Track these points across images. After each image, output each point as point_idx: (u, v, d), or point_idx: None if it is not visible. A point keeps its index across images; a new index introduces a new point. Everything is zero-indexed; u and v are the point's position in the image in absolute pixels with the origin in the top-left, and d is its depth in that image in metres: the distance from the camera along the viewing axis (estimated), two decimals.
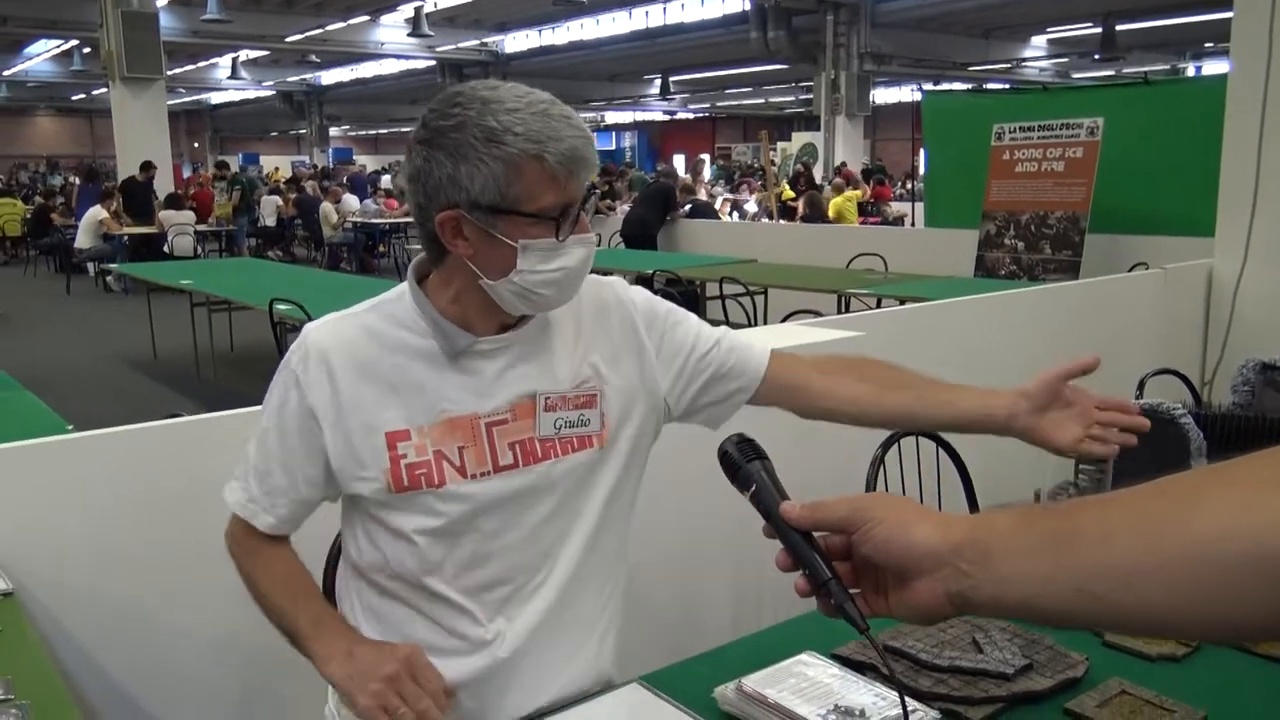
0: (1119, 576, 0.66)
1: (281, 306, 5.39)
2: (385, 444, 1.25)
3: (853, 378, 1.41)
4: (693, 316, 1.45)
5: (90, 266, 13.06)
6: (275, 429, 1.29)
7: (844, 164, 17.66)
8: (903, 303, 5.04)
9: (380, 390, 1.26)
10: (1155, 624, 0.69)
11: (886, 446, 2.38)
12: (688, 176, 13.87)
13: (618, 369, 1.36)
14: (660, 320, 1.41)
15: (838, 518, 0.81)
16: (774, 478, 0.91)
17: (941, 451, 2.45)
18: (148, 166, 13.28)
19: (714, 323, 1.49)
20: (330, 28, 20.81)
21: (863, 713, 1.19)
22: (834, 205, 12.60)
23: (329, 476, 1.29)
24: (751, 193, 15.69)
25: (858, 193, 13.88)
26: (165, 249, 12.24)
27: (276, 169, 26.31)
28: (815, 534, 0.84)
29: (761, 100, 31.17)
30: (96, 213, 12.66)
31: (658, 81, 27.81)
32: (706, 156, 27.05)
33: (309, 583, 1.37)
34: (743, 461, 0.92)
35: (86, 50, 22.07)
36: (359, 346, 1.27)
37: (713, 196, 14.93)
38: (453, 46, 23.09)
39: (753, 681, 1.26)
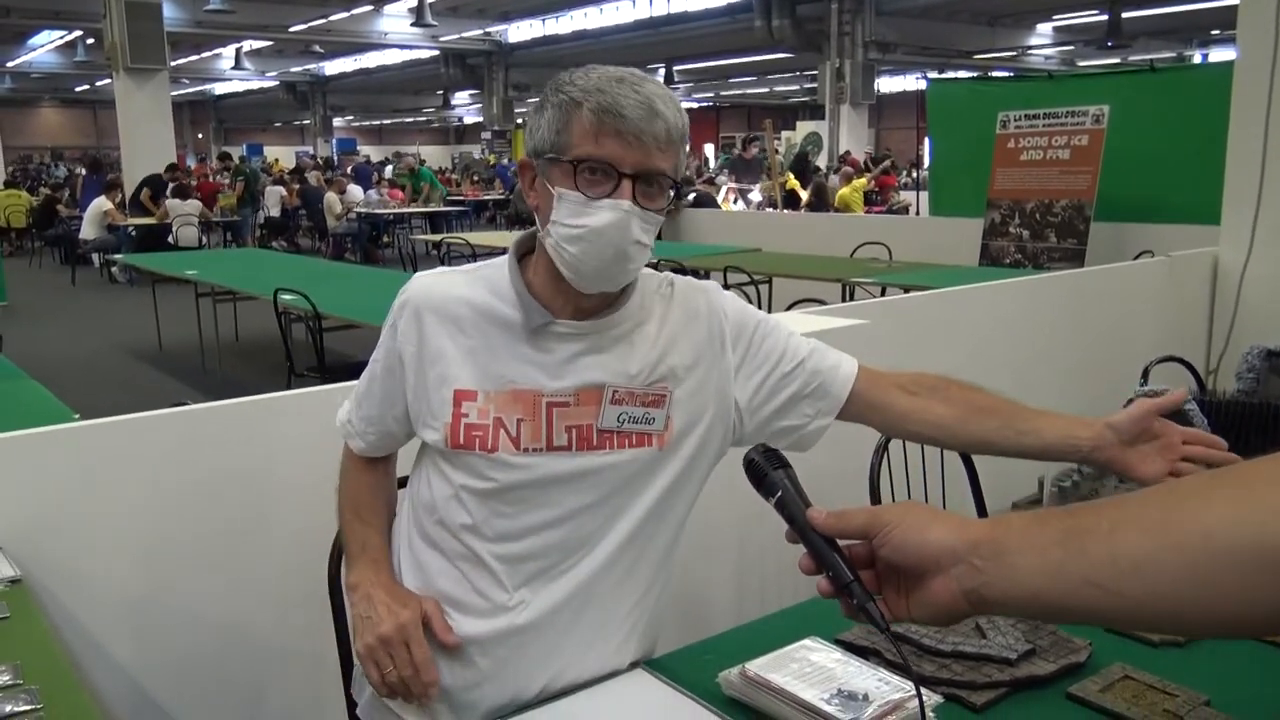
0: (1126, 568, 0.69)
1: (286, 297, 5.39)
2: (453, 399, 1.31)
3: (939, 400, 1.38)
4: (784, 328, 1.44)
5: (95, 257, 13.09)
6: (375, 364, 1.40)
7: (848, 152, 17.62)
8: (907, 291, 5.03)
9: (460, 349, 1.32)
10: (1162, 616, 0.70)
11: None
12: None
13: (693, 374, 1.36)
14: (749, 332, 1.41)
15: (860, 524, 0.85)
16: (798, 485, 0.94)
17: None
18: (173, 168, 13.37)
19: None
20: (334, 18, 20.79)
21: (866, 697, 1.19)
22: (840, 196, 12.59)
23: (409, 417, 1.38)
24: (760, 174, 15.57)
25: (862, 181, 13.86)
26: (170, 240, 12.26)
27: (277, 160, 26.30)
28: (839, 542, 0.88)
29: (766, 90, 31.10)
30: (101, 204, 12.68)
31: (661, 71, 27.73)
32: (710, 146, 27.01)
33: (374, 507, 1.46)
34: (769, 469, 0.96)
35: (90, 41, 22.10)
36: (451, 304, 1.33)
37: (716, 186, 14.90)
38: (456, 36, 23.09)
39: (756, 666, 1.26)
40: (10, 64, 26.22)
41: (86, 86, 30.69)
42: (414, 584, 1.39)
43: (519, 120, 26.20)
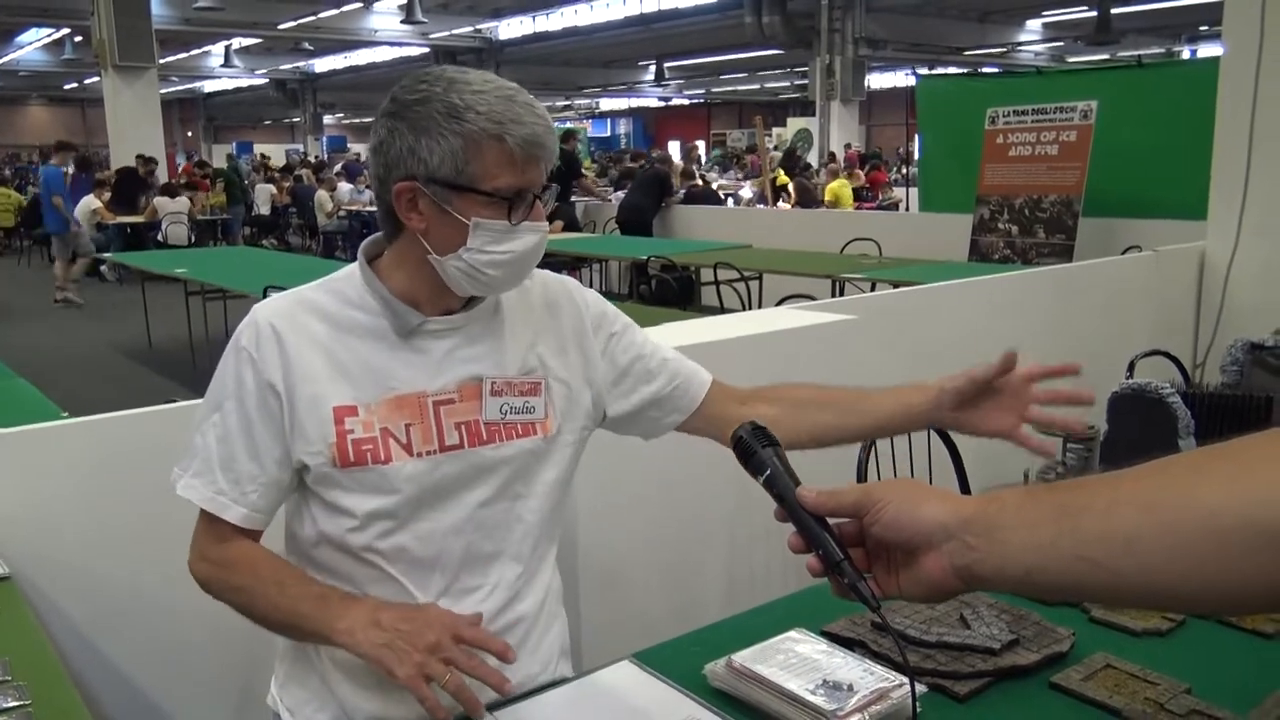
0: (1120, 544, 0.69)
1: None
2: (332, 418, 1.24)
3: (764, 403, 1.43)
4: (638, 329, 1.47)
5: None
6: (235, 412, 1.27)
7: (848, 145, 17.66)
8: (897, 287, 5.05)
9: (329, 366, 1.26)
10: (1154, 592, 0.71)
11: None
12: (681, 163, 13.82)
13: (563, 362, 1.38)
14: (609, 323, 1.43)
15: (851, 502, 0.85)
16: (787, 464, 0.94)
17: (933, 433, 2.47)
18: (148, 161, 13.21)
19: (709, 309, 1.51)
20: (323, 15, 20.69)
21: (850, 687, 1.20)
22: (830, 190, 12.60)
23: (290, 455, 1.28)
24: (754, 169, 15.57)
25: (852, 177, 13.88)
26: (159, 238, 12.21)
27: (269, 158, 26.20)
28: (829, 520, 0.87)
29: (757, 86, 31.08)
30: (90, 202, 12.62)
31: (652, 68, 27.72)
32: (701, 142, 27.01)
33: (294, 568, 1.31)
34: (757, 447, 0.95)
35: (78, 39, 21.96)
36: (309, 323, 1.27)
37: (707, 182, 14.91)
38: (447, 33, 23.00)
39: (742, 658, 1.27)
40: None
41: (75, 84, 30.50)
42: None
43: None
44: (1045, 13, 20.49)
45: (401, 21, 20.52)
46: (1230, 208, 4.19)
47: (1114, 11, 17.72)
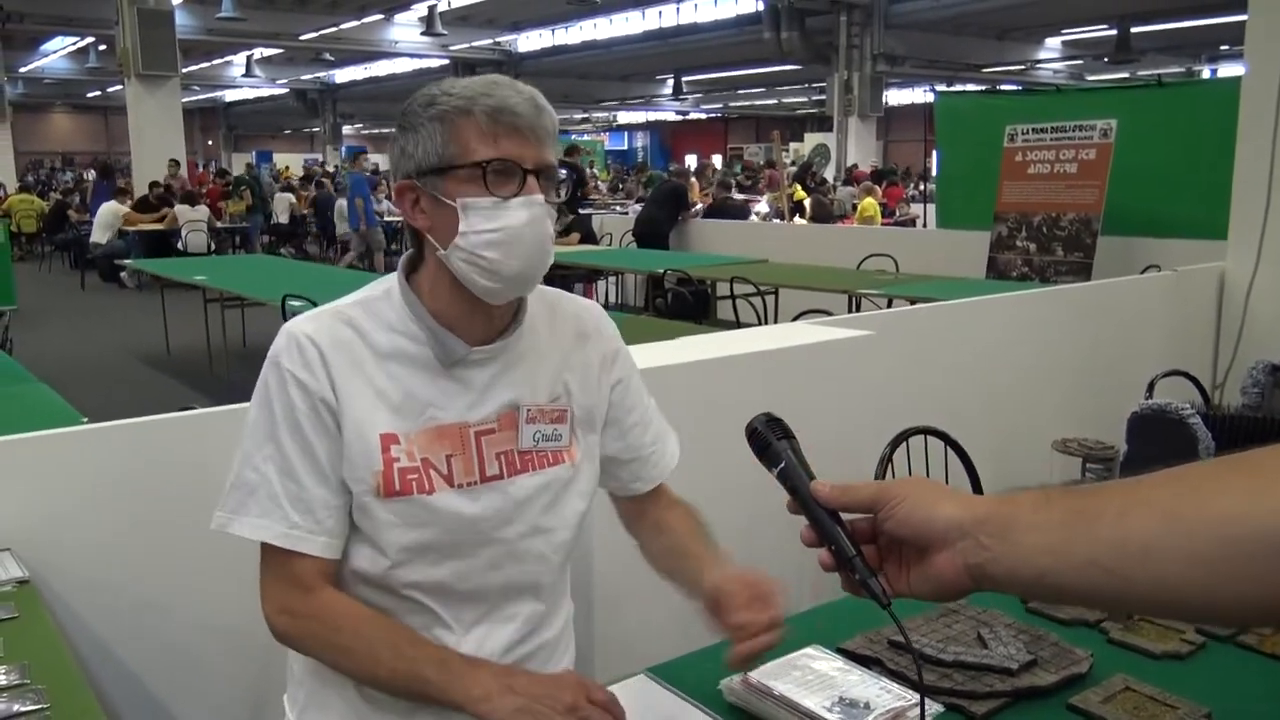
0: (1134, 551, 0.69)
1: (294, 303, 5.41)
2: (379, 445, 1.21)
3: (662, 530, 1.46)
4: (640, 379, 1.46)
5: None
6: (291, 439, 1.21)
7: (854, 165, 17.66)
8: (913, 303, 5.04)
9: (370, 390, 1.23)
10: (1167, 601, 0.70)
11: (895, 444, 2.39)
12: (696, 181, 13.79)
13: (584, 391, 1.36)
14: (620, 366, 1.42)
15: (865, 497, 0.85)
16: (801, 457, 0.93)
17: (950, 450, 2.46)
18: (166, 189, 13.38)
19: (725, 323, 1.51)
20: (344, 26, 20.89)
21: (867, 705, 1.20)
22: (863, 206, 12.59)
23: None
24: (773, 184, 15.57)
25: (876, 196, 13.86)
26: (180, 245, 12.31)
27: (287, 167, 26.39)
28: (842, 516, 0.87)
29: (774, 101, 31.15)
30: (114, 208, 12.74)
31: (670, 81, 27.80)
32: (718, 157, 27.05)
33: (396, 625, 1.25)
34: (772, 439, 0.94)
35: (102, 48, 22.24)
36: (350, 344, 1.23)
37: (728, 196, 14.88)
38: (466, 45, 23.16)
39: (759, 674, 1.27)
40: (23, 70, 26.33)
41: (98, 93, 30.83)
42: None
43: None
44: (1065, 31, 20.48)
45: (421, 33, 20.70)
46: (1251, 228, 4.17)
47: (1134, 30, 17.71)
